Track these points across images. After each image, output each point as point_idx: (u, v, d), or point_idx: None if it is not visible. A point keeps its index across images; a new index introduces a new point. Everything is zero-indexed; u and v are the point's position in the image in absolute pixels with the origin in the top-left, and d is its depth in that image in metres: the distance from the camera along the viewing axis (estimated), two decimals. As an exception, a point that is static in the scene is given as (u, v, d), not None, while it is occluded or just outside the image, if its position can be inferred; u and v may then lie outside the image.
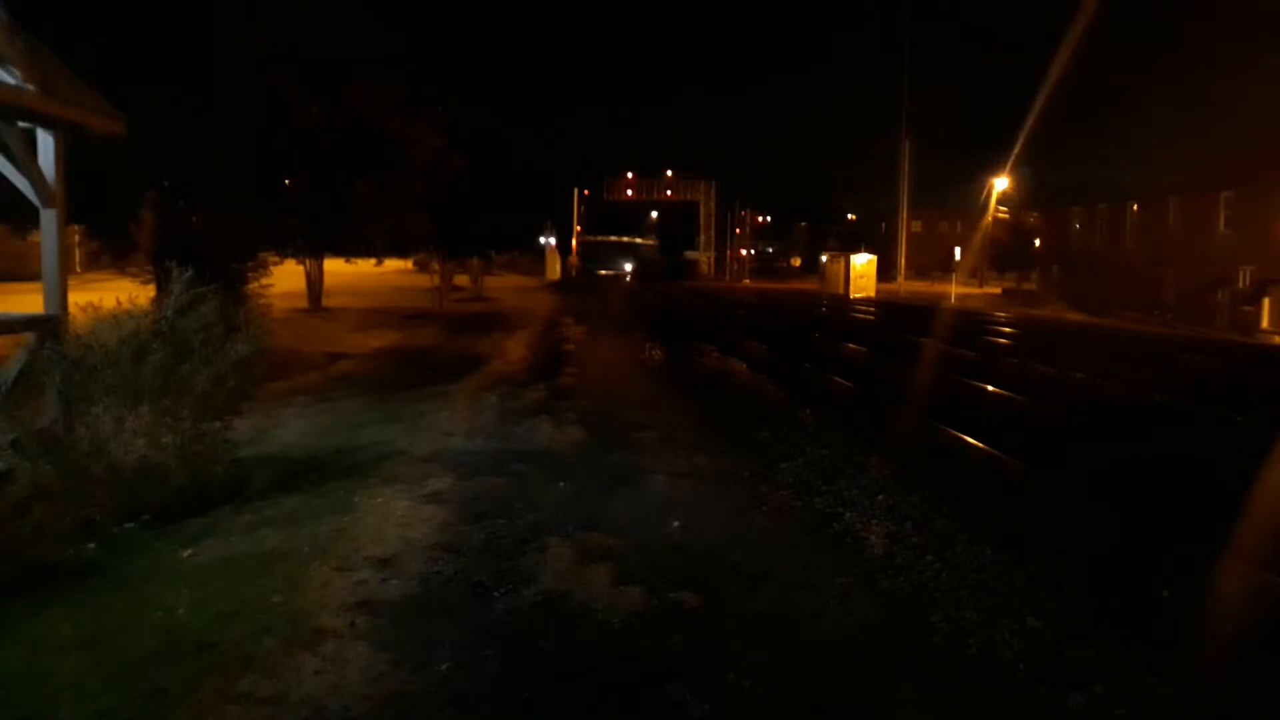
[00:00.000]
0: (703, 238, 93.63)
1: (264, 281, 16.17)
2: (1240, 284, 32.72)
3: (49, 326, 7.47)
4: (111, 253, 15.60)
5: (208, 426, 7.34)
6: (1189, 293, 34.78)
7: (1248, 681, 4.60)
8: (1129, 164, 38.37)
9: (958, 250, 65.50)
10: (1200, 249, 35.14)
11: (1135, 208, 40.84)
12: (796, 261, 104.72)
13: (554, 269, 67.65)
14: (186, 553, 5.79)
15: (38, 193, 7.54)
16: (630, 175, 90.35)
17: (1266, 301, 30.49)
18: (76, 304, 7.76)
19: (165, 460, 6.85)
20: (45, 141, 7.66)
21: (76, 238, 21.42)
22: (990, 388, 14.39)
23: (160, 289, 8.18)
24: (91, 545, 5.91)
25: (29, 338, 7.44)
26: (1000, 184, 51.68)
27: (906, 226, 60.68)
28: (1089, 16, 31.03)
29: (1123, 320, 34.46)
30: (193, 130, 12.90)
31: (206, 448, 7.25)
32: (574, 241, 75.62)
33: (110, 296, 7.69)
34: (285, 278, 20.22)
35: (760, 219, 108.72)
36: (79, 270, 24.01)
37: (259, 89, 13.97)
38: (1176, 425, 11.96)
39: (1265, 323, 30.26)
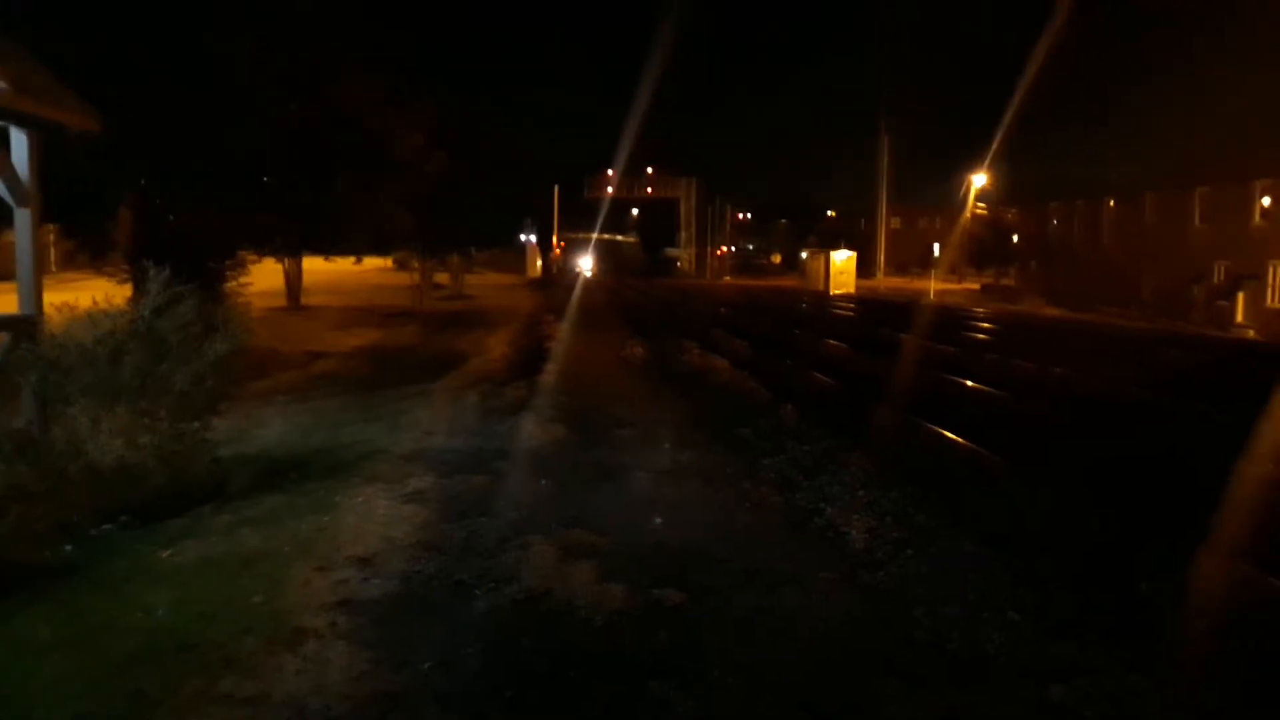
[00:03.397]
0: (684, 235, 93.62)
1: (242, 280, 16.05)
2: (1215, 279, 33.07)
3: (24, 327, 7.39)
4: (87, 252, 15.41)
5: (186, 426, 7.28)
6: (1166, 288, 35.10)
7: (1227, 673, 4.64)
8: (1107, 160, 38.71)
9: (936, 246, 65.82)
10: (1177, 245, 35.48)
11: (1112, 204, 41.18)
12: (777, 258, 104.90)
13: (535, 266, 67.52)
14: (166, 553, 5.74)
15: (11, 192, 7.46)
16: (610, 172, 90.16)
17: (1240, 296, 30.84)
18: (52, 304, 7.68)
19: (143, 461, 6.79)
20: (19, 140, 7.58)
21: (51, 237, 21.20)
22: (970, 383, 14.47)
23: (137, 288, 8.13)
24: (69, 547, 5.85)
25: (4, 338, 7.36)
26: (979, 180, 51.97)
27: (886, 223, 61.03)
28: (1065, 14, 31.28)
29: (1101, 315, 34.74)
30: (169, 128, 12.77)
31: (185, 448, 7.19)
32: (554, 239, 75.49)
33: (86, 296, 7.62)
34: (264, 276, 20.08)
35: (741, 216, 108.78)
36: (54, 270, 23.74)
37: (235, 86, 13.85)
38: (1154, 420, 12.06)
39: (1239, 317, 30.61)
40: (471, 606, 5.06)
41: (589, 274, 70.97)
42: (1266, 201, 31.20)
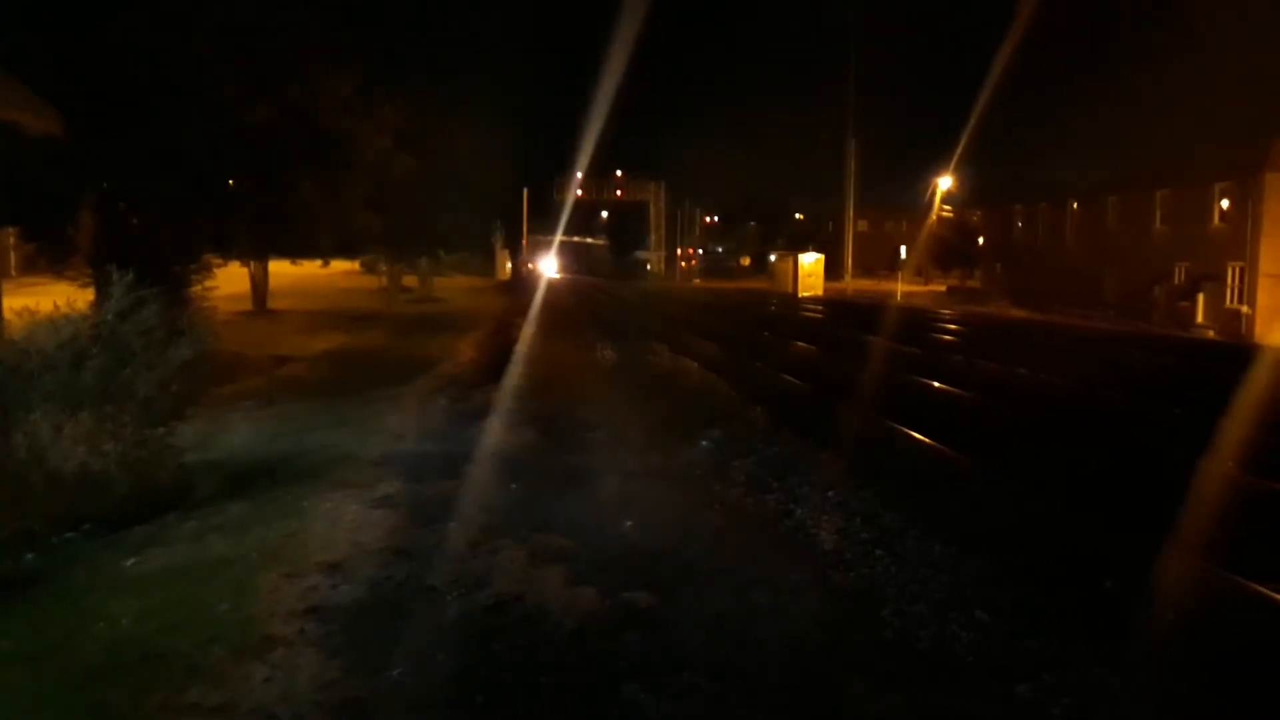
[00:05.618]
0: (653, 237, 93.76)
1: (207, 284, 15.89)
2: (1176, 280, 33.58)
3: (-17, 332, 7.27)
4: (49, 256, 15.17)
5: (151, 432, 7.19)
6: (1129, 289, 35.60)
7: (1188, 666, 4.71)
8: (1070, 163, 39.22)
9: (903, 249, 66.34)
10: (1139, 247, 35.99)
11: (1075, 206, 41.70)
12: (746, 261, 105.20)
13: (504, 269, 67.35)
14: (130, 562, 5.67)
15: (-30, 195, 7.34)
16: (580, 175, 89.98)
17: (1200, 297, 31.36)
18: (12, 308, 7.57)
19: (107, 468, 6.70)
20: (-23, 142, 7.46)
21: (11, 240, 20.86)
22: (937, 384, 14.59)
23: (100, 293, 8.00)
24: (30, 556, 5.76)
25: (-38, 344, 7.23)
26: (944, 183, 52.43)
27: (853, 226, 61.38)
28: (1030, 15, 31.66)
29: (1065, 316, 35.13)
30: (129, 130, 12.62)
31: (150, 454, 7.11)
32: (524, 241, 75.28)
33: (48, 301, 7.51)
34: (229, 280, 19.90)
35: (710, 219, 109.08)
36: (14, 274, 23.38)
37: (201, 88, 13.70)
38: (1118, 420, 12.22)
39: (1200, 318, 31.12)
40: (442, 612, 5.04)
41: (558, 277, 70.84)
42: (1225, 204, 31.74)
